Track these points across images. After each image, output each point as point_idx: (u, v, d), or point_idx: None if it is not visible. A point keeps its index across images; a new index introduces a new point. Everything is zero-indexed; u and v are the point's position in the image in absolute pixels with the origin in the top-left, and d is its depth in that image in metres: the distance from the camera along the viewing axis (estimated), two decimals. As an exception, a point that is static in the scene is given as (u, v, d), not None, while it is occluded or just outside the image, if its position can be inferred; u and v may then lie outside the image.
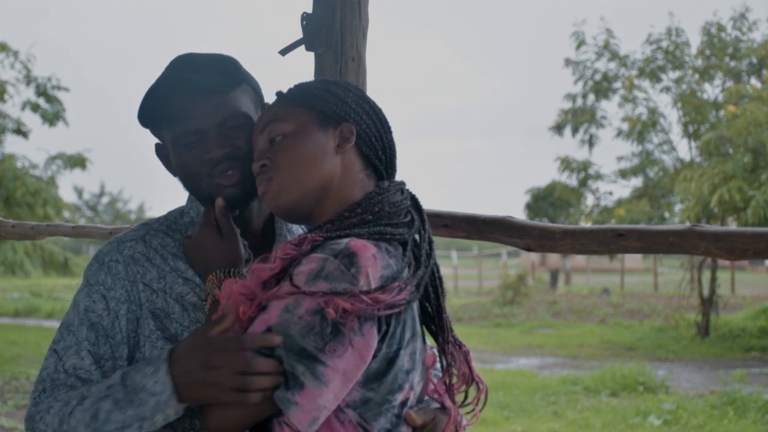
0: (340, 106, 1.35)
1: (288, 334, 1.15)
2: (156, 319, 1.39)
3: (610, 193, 15.47)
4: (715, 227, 1.71)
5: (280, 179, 1.33)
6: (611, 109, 26.75)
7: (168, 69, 1.49)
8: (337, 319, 1.14)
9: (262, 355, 1.17)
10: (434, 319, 1.38)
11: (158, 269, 1.43)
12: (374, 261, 1.19)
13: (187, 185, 1.50)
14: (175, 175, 1.53)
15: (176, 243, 1.48)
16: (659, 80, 14.25)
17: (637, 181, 15.18)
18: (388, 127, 1.41)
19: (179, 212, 1.56)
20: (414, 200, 1.41)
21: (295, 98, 1.37)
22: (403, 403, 1.26)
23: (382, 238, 1.27)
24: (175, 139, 1.45)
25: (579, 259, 30.03)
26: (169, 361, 1.22)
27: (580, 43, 14.76)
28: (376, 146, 1.37)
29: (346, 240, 1.21)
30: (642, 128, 14.13)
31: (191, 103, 1.43)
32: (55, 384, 1.34)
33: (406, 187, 1.40)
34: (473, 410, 1.39)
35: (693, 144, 13.75)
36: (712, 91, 14.06)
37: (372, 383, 1.22)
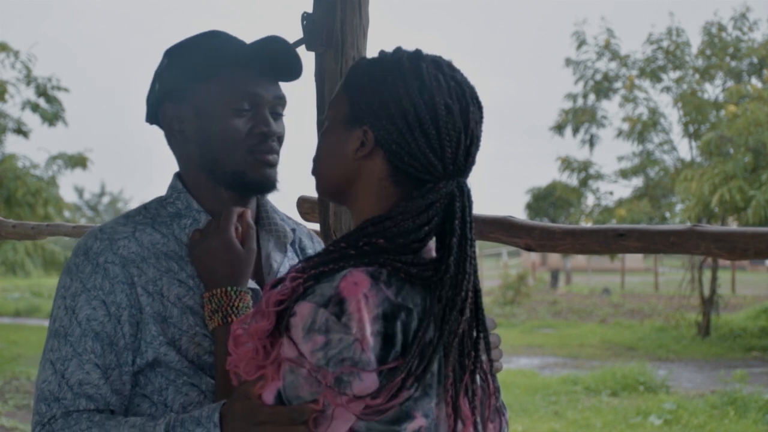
0: (364, 107, 1.22)
1: (298, 396, 1.11)
2: (157, 323, 1.33)
3: (611, 193, 15.49)
4: (715, 227, 1.71)
5: (314, 165, 1.31)
6: (612, 108, 26.90)
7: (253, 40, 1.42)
8: (339, 376, 1.08)
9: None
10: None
11: (154, 270, 1.34)
12: (366, 302, 1.10)
13: (211, 155, 1.39)
14: (178, 142, 1.42)
15: (165, 240, 1.38)
16: (660, 80, 14.25)
17: (637, 181, 15.20)
18: (426, 131, 1.18)
19: (158, 202, 1.44)
20: (450, 227, 1.19)
21: (347, 80, 1.28)
22: None
23: (382, 265, 1.14)
24: (228, 100, 1.37)
25: (579, 259, 30.03)
26: (221, 426, 1.17)
27: (581, 43, 14.77)
28: (401, 153, 1.19)
29: (338, 278, 1.12)
30: (642, 128, 14.13)
31: (267, 73, 1.41)
32: (65, 407, 1.26)
33: (441, 206, 1.18)
34: None
35: (693, 144, 13.75)
36: (712, 90, 14.08)
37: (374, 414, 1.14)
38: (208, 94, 1.38)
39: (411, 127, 1.19)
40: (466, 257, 1.19)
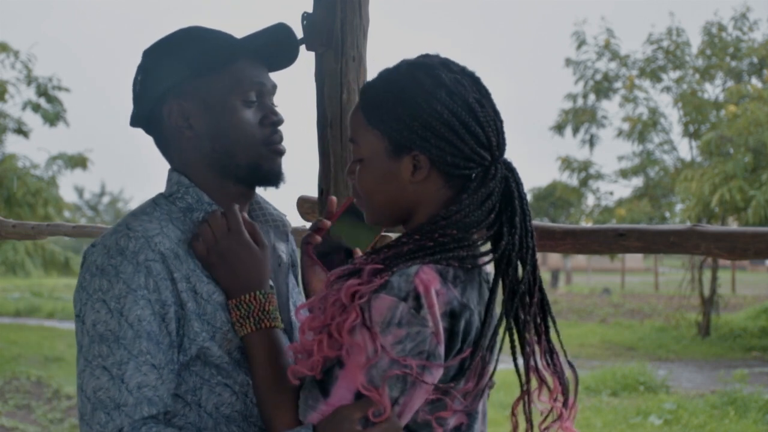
0: (406, 134, 1.23)
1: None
2: (196, 319, 1.29)
3: (611, 193, 15.50)
4: (715, 227, 1.71)
5: (363, 200, 1.30)
6: (612, 108, 26.86)
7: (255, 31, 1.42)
8: (412, 376, 1.15)
9: None
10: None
11: (185, 266, 1.31)
12: (437, 298, 1.15)
13: (224, 149, 1.36)
14: (186, 138, 1.37)
15: (185, 236, 1.34)
16: (660, 80, 14.26)
17: (637, 181, 15.20)
18: (473, 131, 1.23)
19: (165, 199, 1.39)
20: (510, 206, 1.25)
21: (369, 115, 1.27)
22: (457, 428, 1.23)
23: (449, 264, 1.20)
24: (238, 92, 1.36)
25: (580, 259, 30.03)
26: None
27: (581, 43, 14.77)
28: (456, 161, 1.23)
29: (412, 273, 1.15)
30: (643, 128, 14.14)
31: (266, 63, 1.41)
32: (129, 416, 1.23)
33: (500, 189, 1.25)
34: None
35: (694, 144, 13.75)
36: (712, 90, 14.08)
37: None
38: (216, 87, 1.36)
39: (459, 133, 1.22)
40: (527, 232, 1.26)
